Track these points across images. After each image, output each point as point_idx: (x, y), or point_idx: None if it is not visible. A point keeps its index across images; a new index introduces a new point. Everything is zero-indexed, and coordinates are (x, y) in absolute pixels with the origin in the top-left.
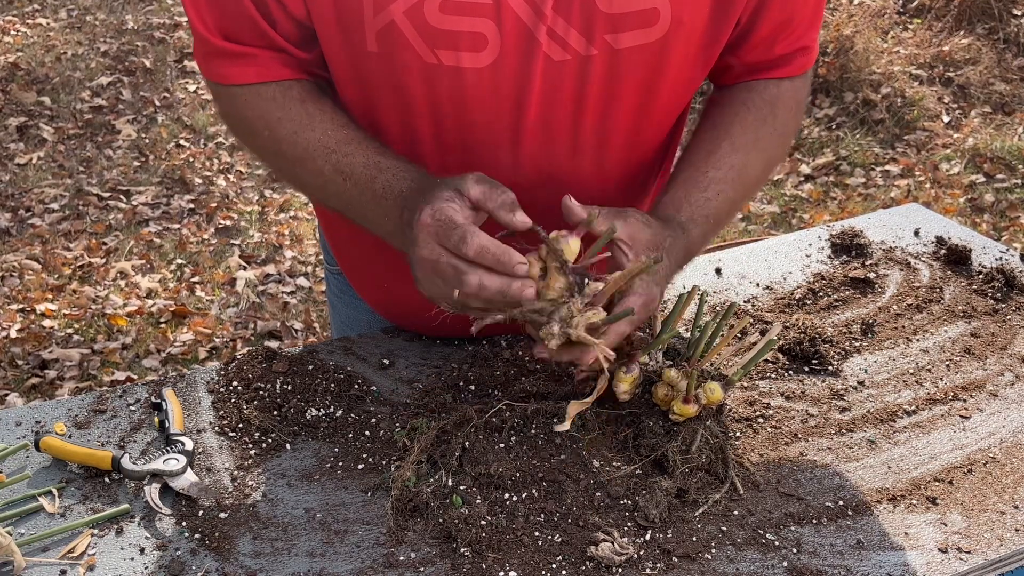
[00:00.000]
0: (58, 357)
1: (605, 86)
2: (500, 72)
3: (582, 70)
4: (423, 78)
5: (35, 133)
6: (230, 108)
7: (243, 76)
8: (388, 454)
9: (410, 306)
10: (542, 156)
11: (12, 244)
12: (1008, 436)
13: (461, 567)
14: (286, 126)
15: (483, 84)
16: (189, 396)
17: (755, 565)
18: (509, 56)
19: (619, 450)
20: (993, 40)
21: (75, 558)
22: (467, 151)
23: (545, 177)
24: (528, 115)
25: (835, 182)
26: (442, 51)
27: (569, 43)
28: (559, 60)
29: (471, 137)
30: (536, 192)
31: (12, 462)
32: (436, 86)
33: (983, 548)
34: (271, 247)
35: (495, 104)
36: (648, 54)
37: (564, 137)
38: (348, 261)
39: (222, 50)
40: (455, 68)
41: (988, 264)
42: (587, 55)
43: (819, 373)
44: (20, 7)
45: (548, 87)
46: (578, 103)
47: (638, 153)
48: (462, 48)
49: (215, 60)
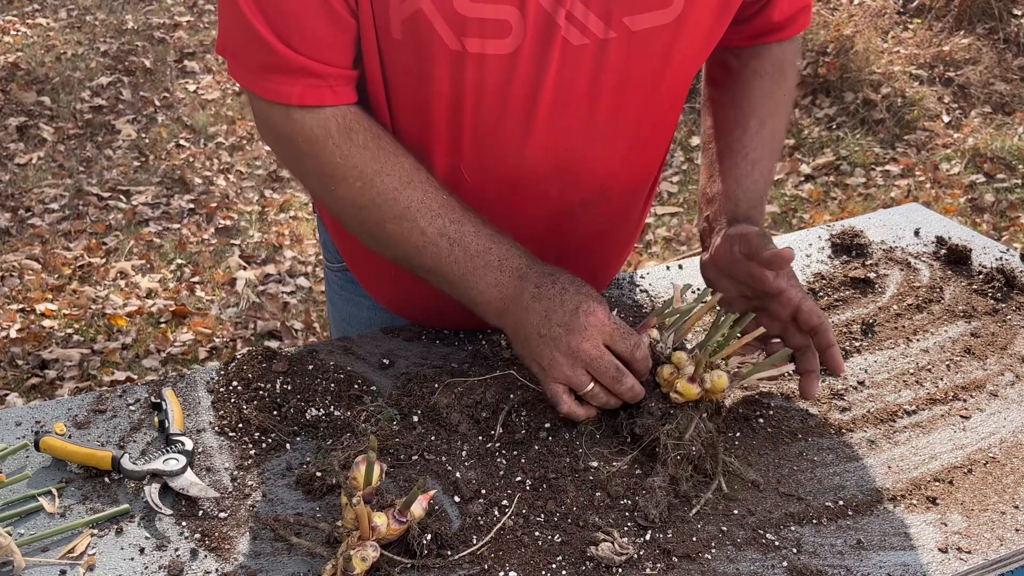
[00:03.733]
0: (58, 357)
1: (620, 70)
2: (520, 58)
3: (599, 54)
4: (447, 66)
5: (35, 133)
6: (310, 148)
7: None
8: (388, 454)
9: (420, 299)
10: (555, 141)
11: (12, 244)
12: (1008, 436)
13: (461, 566)
14: (385, 181)
15: (504, 71)
16: (189, 396)
17: (755, 565)
18: (530, 42)
19: (612, 435)
20: (993, 40)
21: (75, 558)
22: (482, 138)
23: (557, 162)
24: (543, 99)
25: (835, 182)
26: (468, 39)
27: (588, 27)
28: (577, 44)
29: (487, 124)
30: (547, 177)
31: (12, 462)
32: (460, 74)
33: (983, 548)
34: (271, 247)
35: (513, 91)
36: (663, 35)
37: (578, 122)
38: (357, 257)
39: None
40: (479, 55)
41: (988, 264)
42: (605, 38)
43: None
44: (20, 7)
45: (564, 72)
46: (593, 87)
47: (646, 134)
48: (487, 35)
49: (278, 76)
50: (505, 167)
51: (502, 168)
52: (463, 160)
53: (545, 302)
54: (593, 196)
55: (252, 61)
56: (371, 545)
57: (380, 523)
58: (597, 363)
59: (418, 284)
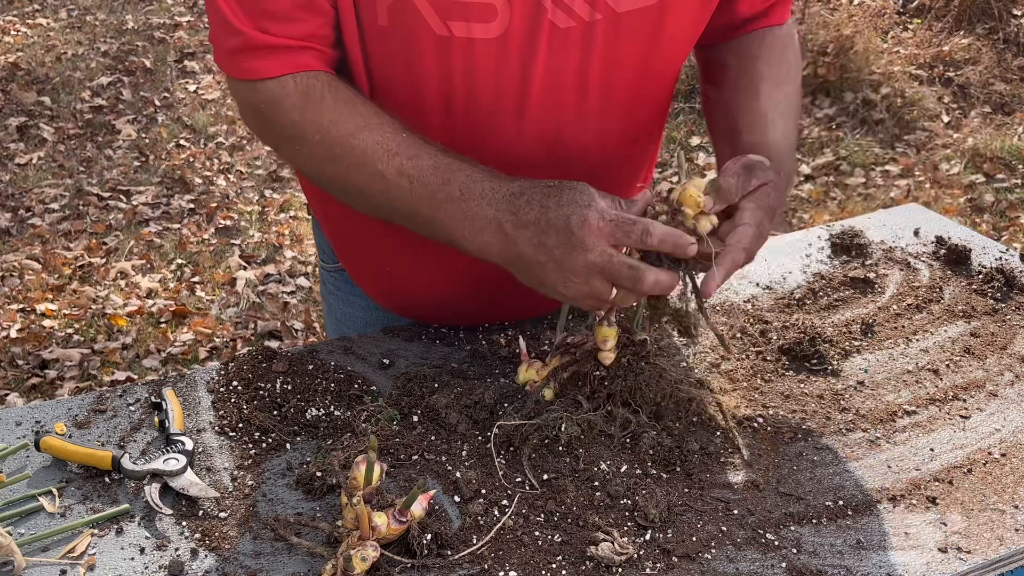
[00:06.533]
0: (58, 357)
1: (608, 52)
2: (508, 42)
3: (586, 37)
4: (434, 51)
5: (35, 133)
6: (271, 112)
7: (282, 67)
8: (388, 454)
9: (415, 295)
10: (546, 124)
11: (12, 244)
12: (1008, 436)
13: (461, 566)
14: (340, 128)
15: (492, 55)
16: (189, 396)
17: (755, 565)
18: (517, 26)
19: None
20: (993, 40)
21: (75, 558)
22: (473, 123)
23: (549, 144)
24: (533, 84)
25: (835, 182)
26: (454, 23)
27: (574, 9)
28: (564, 27)
29: (478, 109)
30: (540, 162)
31: (12, 462)
32: (447, 59)
33: (983, 548)
34: (271, 247)
35: (503, 75)
36: (648, 16)
37: (569, 105)
38: (350, 254)
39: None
40: (466, 40)
41: (988, 264)
42: (591, 20)
43: (819, 373)
44: (20, 7)
45: (553, 55)
46: (582, 70)
47: (638, 116)
48: (473, 19)
49: (245, 55)
50: (499, 152)
51: (496, 153)
52: (456, 145)
53: (531, 228)
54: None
55: (227, 45)
56: (371, 545)
57: (380, 523)
58: (609, 270)
59: (411, 278)
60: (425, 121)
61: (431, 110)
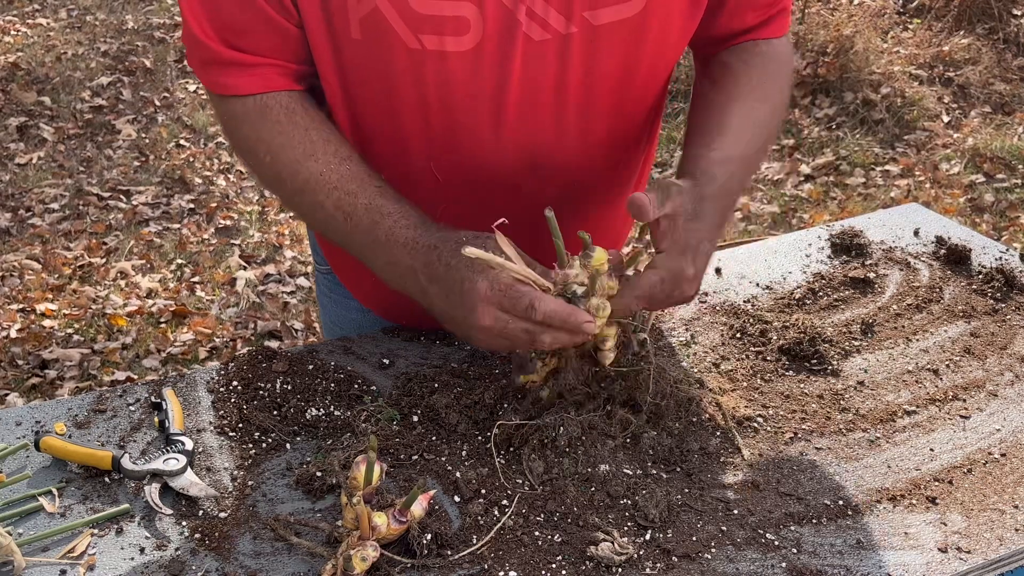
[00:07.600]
0: (58, 357)
1: (586, 64)
2: (482, 55)
3: (562, 49)
4: (408, 64)
5: (35, 133)
6: (232, 125)
7: (246, 86)
8: (388, 454)
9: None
10: (525, 137)
11: (12, 244)
12: (1008, 436)
13: (461, 566)
14: (288, 154)
15: (466, 68)
16: (189, 396)
17: (755, 565)
18: (491, 38)
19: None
20: (993, 40)
21: (75, 558)
22: (451, 136)
23: (529, 158)
24: (510, 97)
25: (835, 182)
26: (426, 36)
27: (548, 22)
28: (539, 40)
29: (455, 122)
30: (521, 174)
31: (12, 462)
32: (421, 72)
33: (983, 548)
34: (271, 247)
35: (478, 87)
36: (627, 29)
37: (547, 117)
38: (340, 259)
39: (221, 58)
40: (439, 53)
41: (988, 264)
42: (567, 33)
43: (819, 373)
44: (20, 7)
45: (529, 67)
46: (560, 82)
47: (622, 130)
48: (445, 32)
49: (214, 68)
50: (478, 164)
51: (475, 165)
52: (435, 158)
53: (439, 283)
54: (569, 192)
55: (195, 56)
56: (371, 545)
57: (380, 523)
58: (505, 334)
59: None
60: (404, 129)
61: (408, 119)
